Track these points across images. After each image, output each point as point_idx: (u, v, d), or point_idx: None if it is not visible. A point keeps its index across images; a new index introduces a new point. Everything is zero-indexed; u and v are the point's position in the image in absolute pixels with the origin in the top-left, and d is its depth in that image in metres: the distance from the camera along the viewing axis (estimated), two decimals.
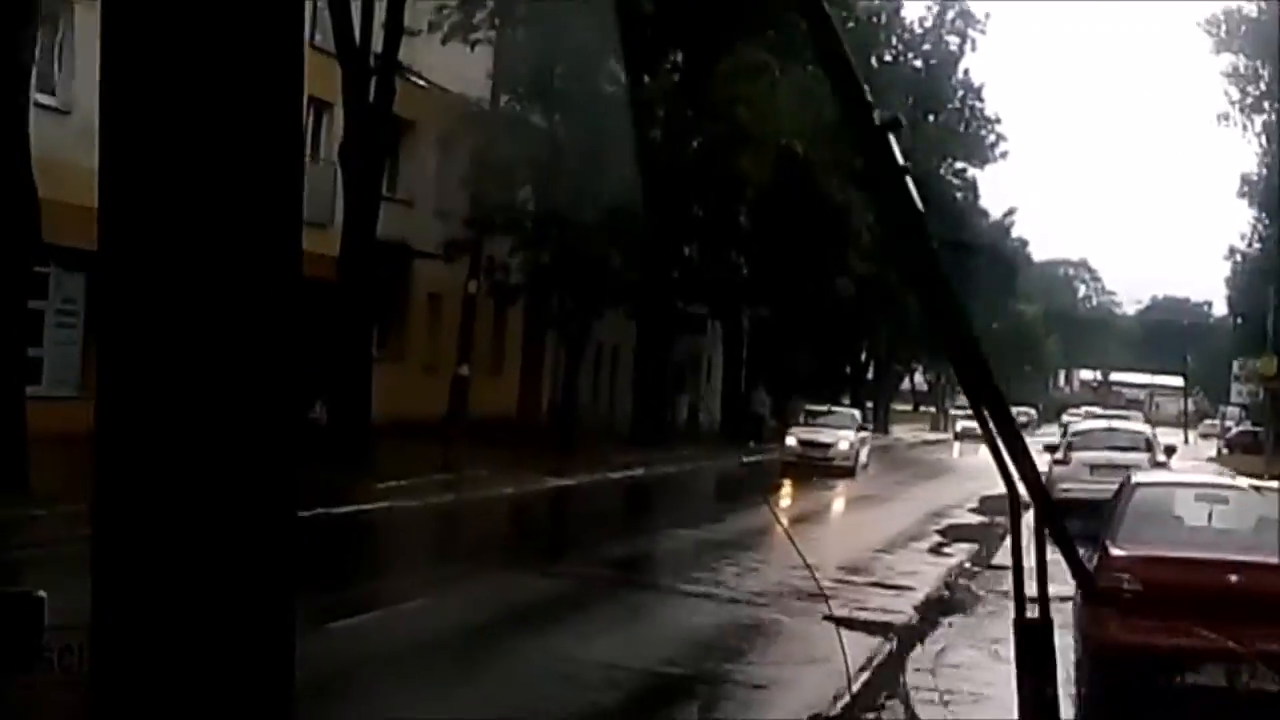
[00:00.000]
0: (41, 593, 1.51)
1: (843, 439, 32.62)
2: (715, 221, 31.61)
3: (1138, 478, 10.91)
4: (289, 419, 1.34)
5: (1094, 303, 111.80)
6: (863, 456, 33.49)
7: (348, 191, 22.20)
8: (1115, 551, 9.50)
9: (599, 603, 13.01)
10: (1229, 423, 70.47)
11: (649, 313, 33.18)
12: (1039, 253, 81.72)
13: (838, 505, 25.87)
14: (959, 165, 52.74)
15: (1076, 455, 22.98)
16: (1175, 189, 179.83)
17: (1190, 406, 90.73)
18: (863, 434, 34.14)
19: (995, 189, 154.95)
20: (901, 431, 58.00)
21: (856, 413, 36.94)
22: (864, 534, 21.11)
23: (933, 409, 71.45)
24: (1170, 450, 27.29)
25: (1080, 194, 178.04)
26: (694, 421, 42.07)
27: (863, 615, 13.67)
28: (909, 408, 71.45)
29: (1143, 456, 23.07)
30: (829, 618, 12.14)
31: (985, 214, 55.06)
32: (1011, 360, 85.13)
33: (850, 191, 37.62)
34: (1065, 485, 22.67)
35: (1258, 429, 57.89)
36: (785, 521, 21.62)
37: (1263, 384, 58.77)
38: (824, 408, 36.64)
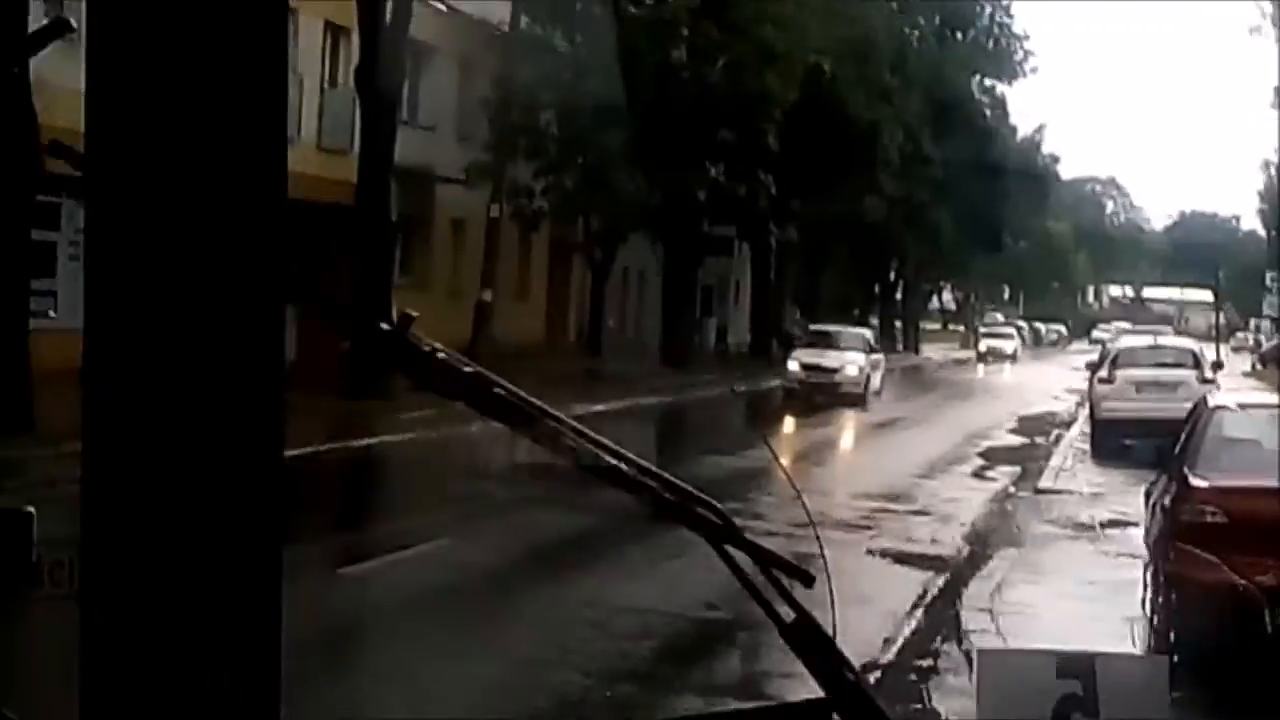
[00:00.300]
0: (30, 508, 1.47)
1: (850, 363, 28.98)
2: (742, 142, 30.50)
3: (1215, 400, 9.99)
4: (277, 350, 1.23)
5: (1122, 219, 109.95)
6: (875, 382, 29.89)
7: (365, 117, 21.25)
8: (1196, 482, 8.63)
9: (630, 540, 12.19)
10: (1260, 336, 69.10)
11: (675, 236, 32.22)
12: (1067, 170, 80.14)
13: (872, 428, 24.99)
14: (988, 82, 51.24)
15: (1121, 373, 22.01)
16: (1204, 103, 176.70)
17: (1221, 320, 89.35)
18: (874, 357, 30.53)
19: (1024, 106, 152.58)
20: (931, 350, 56.82)
21: (868, 333, 33.12)
22: (903, 458, 20.26)
23: (961, 327, 70.25)
24: (1218, 366, 26.26)
25: (1108, 110, 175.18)
26: (723, 344, 41.18)
27: (909, 548, 12.85)
28: (938, 326, 70.26)
29: (1190, 373, 22.09)
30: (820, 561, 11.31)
31: (1014, 130, 53.62)
32: (1040, 278, 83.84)
33: (879, 108, 36.42)
34: (1110, 404, 21.76)
35: None
36: (783, 455, 20.68)
37: None
38: (831, 328, 32.99)
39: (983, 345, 56.62)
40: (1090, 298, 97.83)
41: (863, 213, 38.92)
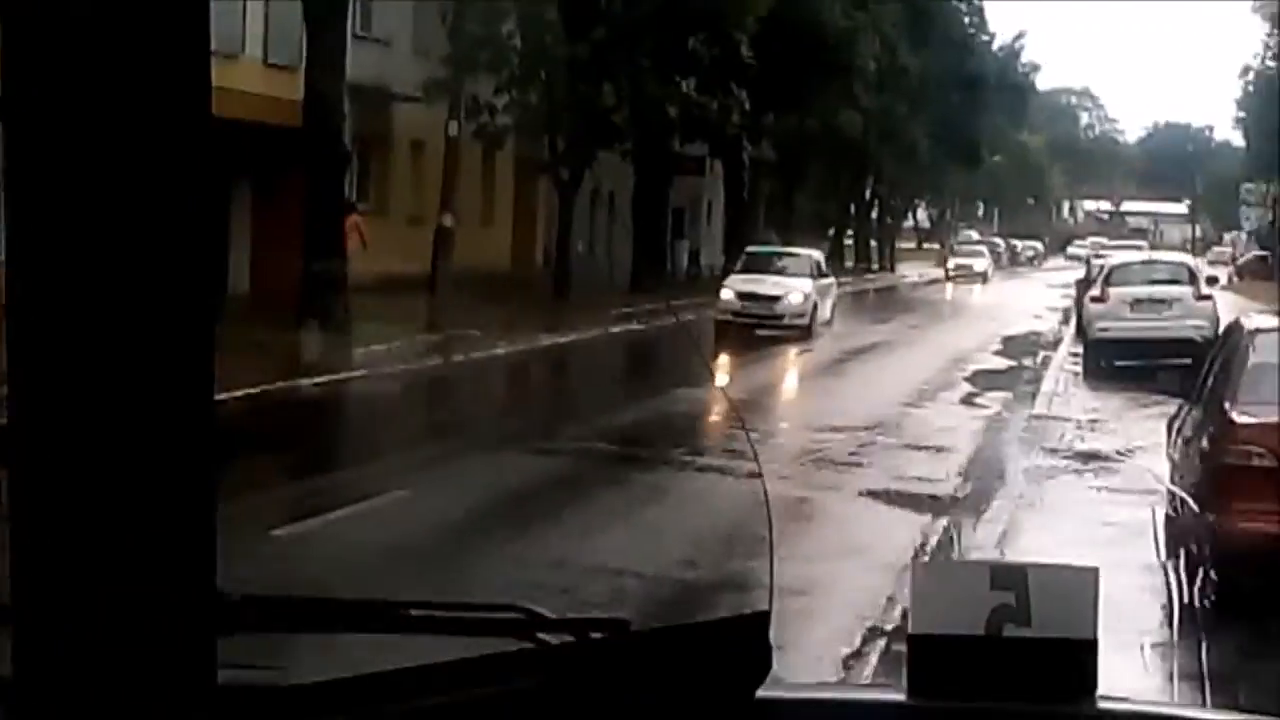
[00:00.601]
0: None
1: (794, 290, 25.30)
2: (714, 54, 29.16)
3: (1252, 323, 8.92)
4: (203, 289, 1.17)
5: (1096, 132, 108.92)
6: (824, 311, 26.29)
7: (310, 26, 19.84)
8: (1239, 418, 7.59)
9: (601, 486, 11.14)
10: (1237, 250, 68.38)
11: (645, 154, 30.93)
12: (1041, 82, 78.84)
13: (852, 354, 23.94)
14: None
15: (1114, 291, 21.00)
16: (1176, 9, 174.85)
17: (1197, 233, 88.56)
18: (823, 282, 26.78)
19: (1000, 13, 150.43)
20: (907, 270, 55.80)
21: (816, 254, 29.06)
22: (888, 384, 19.23)
23: (937, 245, 69.23)
24: (1212, 281, 25.30)
25: (1079, 18, 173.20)
26: (696, 267, 40.04)
27: (904, 487, 11.82)
28: (912, 245, 69.18)
29: (1186, 290, 21.12)
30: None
31: (992, 38, 52.25)
32: (1016, 193, 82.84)
33: (855, 16, 35.07)
34: (1104, 324, 20.79)
35: (1265, 253, 55.95)
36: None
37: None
38: (772, 249, 29.73)
39: (951, 264, 53.30)
40: (1065, 213, 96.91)
41: (838, 128, 37.66)
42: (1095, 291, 21.37)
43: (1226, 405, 7.87)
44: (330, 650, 1.59)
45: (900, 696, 1.51)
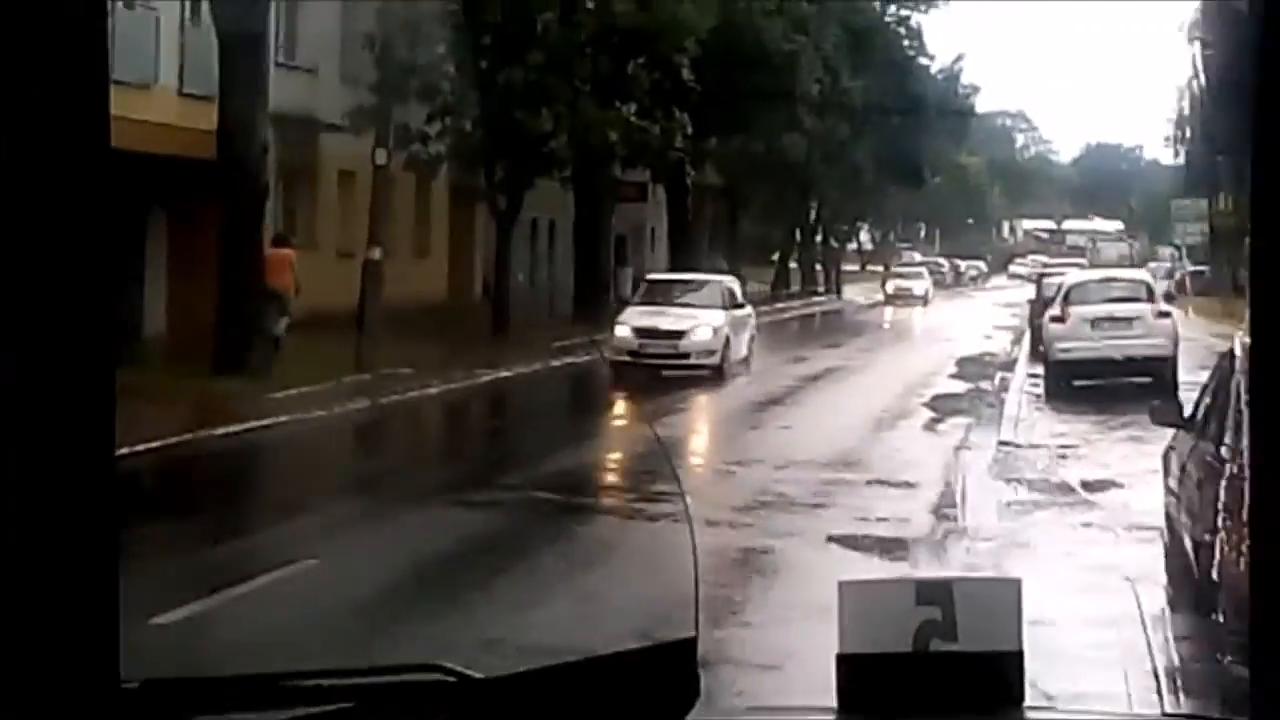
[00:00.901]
0: None
1: (702, 324, 21.16)
2: (654, 79, 28.08)
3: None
4: (104, 326, 1.10)
5: (1031, 152, 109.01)
6: (739, 348, 21.98)
7: (223, 51, 18.53)
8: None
9: (541, 544, 9.88)
10: (1168, 264, 68.14)
11: (586, 181, 29.76)
12: (978, 105, 78.57)
13: (807, 380, 22.80)
14: (903, 11, 49.11)
15: (1074, 310, 20.04)
16: (1105, 34, 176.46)
17: (1133, 250, 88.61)
18: (739, 313, 22.59)
19: (937, 38, 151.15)
20: (852, 291, 54.90)
21: (730, 282, 24.67)
22: (846, 413, 18.13)
23: (881, 267, 68.51)
24: (1170, 297, 24.45)
25: (1013, 43, 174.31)
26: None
27: (872, 531, 10.66)
28: (855, 268, 68.42)
29: (1146, 307, 20.20)
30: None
31: (932, 60, 51.62)
32: (956, 214, 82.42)
33: (796, 40, 34.15)
34: (1065, 345, 19.83)
35: (1201, 268, 55.66)
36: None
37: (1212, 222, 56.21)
38: (678, 276, 25.80)
39: (889, 287, 50.88)
40: (1005, 233, 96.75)
41: (781, 150, 36.67)
42: (1055, 311, 20.41)
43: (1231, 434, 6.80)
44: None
45: (831, 717, 1.50)
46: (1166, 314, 20.64)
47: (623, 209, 36.37)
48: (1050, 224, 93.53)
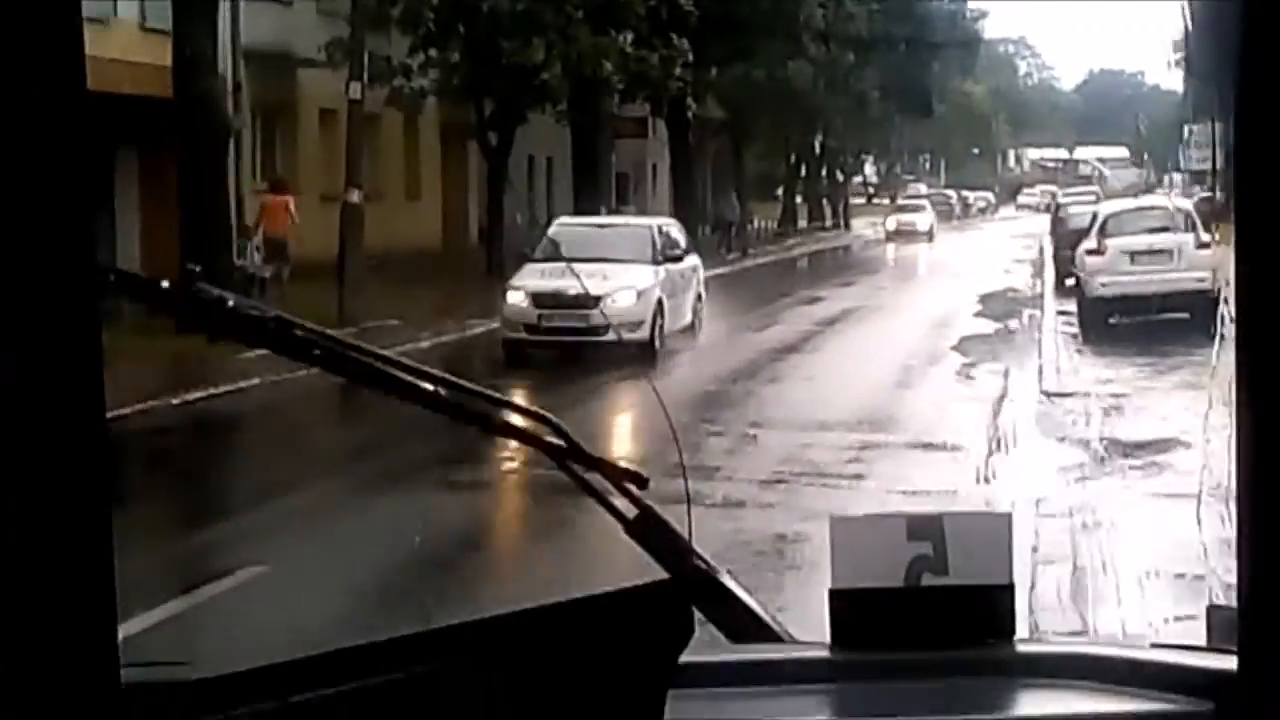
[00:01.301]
0: None
1: (623, 286, 15.83)
2: (651, 5, 26.23)
3: None
4: (87, 292, 1.01)
5: (1035, 80, 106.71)
6: (680, 314, 17.07)
7: None
8: None
9: (532, 537, 8.28)
10: (1184, 191, 66.23)
11: (582, 116, 27.95)
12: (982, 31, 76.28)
13: (824, 323, 21.16)
14: None
15: (1112, 242, 18.37)
16: None
17: (1138, 177, 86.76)
18: (679, 267, 17.31)
19: None
20: (860, 227, 53.05)
21: (669, 225, 19.11)
22: (870, 362, 16.50)
23: (886, 200, 66.65)
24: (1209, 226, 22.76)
25: None
26: None
27: (920, 507, 9.04)
28: (862, 201, 66.55)
29: (1187, 238, 18.53)
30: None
31: None
32: (962, 145, 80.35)
33: None
34: (1103, 280, 18.16)
35: (1209, 194, 54.01)
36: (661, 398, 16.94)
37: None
38: (589, 219, 20.82)
39: (891, 223, 46.87)
40: (1011, 163, 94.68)
41: (786, 80, 34.84)
42: (1090, 244, 18.74)
43: None
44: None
45: (824, 652, 1.52)
46: (1207, 244, 18.98)
47: (622, 145, 34.69)
48: (1056, 153, 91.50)
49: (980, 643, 1.49)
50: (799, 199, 51.11)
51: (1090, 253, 18.55)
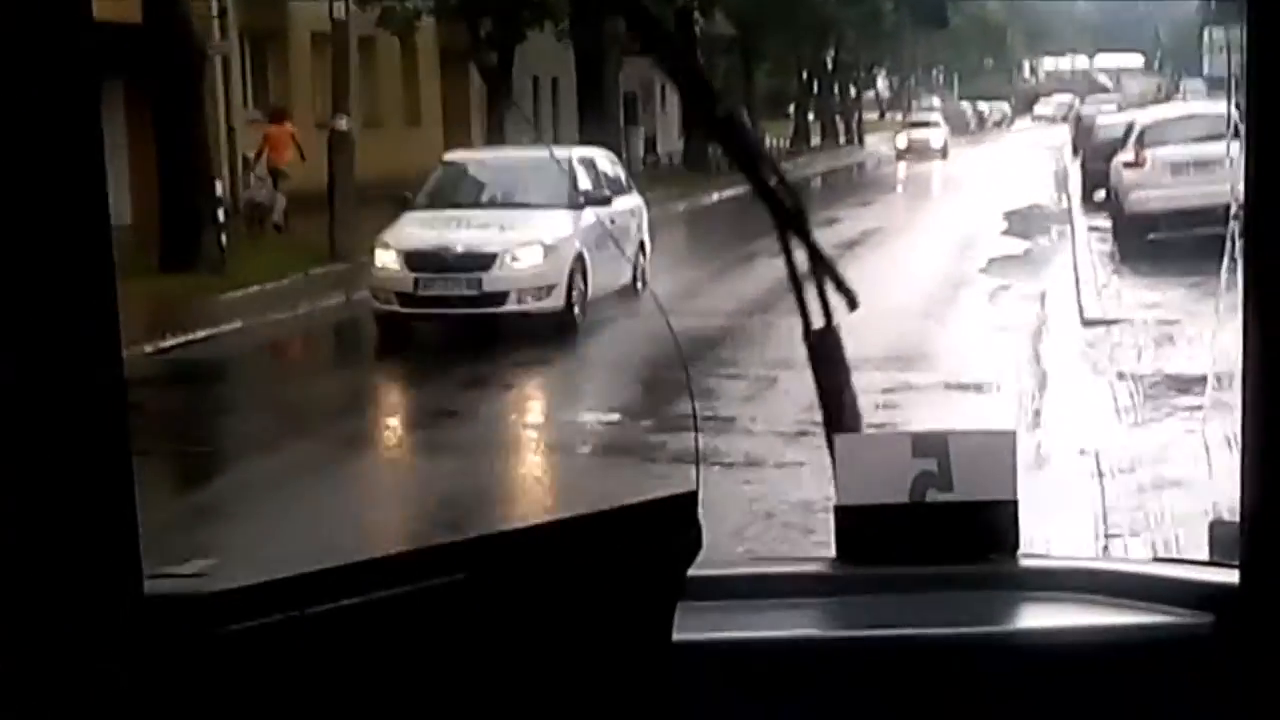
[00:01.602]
0: None
1: (527, 242, 12.35)
2: None
3: None
4: (100, 235, 1.02)
5: None
6: (617, 273, 13.18)
7: None
8: None
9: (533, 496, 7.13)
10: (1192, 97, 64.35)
11: (586, 34, 26.52)
12: None
13: (845, 245, 19.92)
14: None
15: (1152, 153, 17.02)
16: None
17: (1155, 85, 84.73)
18: (608, 210, 13.54)
19: None
20: (874, 143, 51.45)
21: (596, 155, 14.52)
22: (897, 285, 15.29)
23: (899, 115, 64.89)
24: None
25: None
26: (653, 154, 35.78)
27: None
28: (875, 116, 64.75)
29: (1234, 146, 17.14)
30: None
31: None
32: (975, 55, 78.27)
33: None
34: (1142, 194, 16.85)
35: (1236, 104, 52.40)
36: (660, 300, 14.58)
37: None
38: (493, 152, 16.96)
39: (901, 140, 43.72)
40: (1026, 73, 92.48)
41: None
42: (1127, 155, 17.40)
43: None
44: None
45: (830, 567, 1.52)
46: None
47: (629, 65, 33.24)
48: (1071, 62, 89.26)
49: (984, 558, 1.50)
50: (811, 116, 49.50)
51: (1128, 165, 17.22)
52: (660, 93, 39.53)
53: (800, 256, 1.54)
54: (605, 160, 14.54)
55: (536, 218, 12.45)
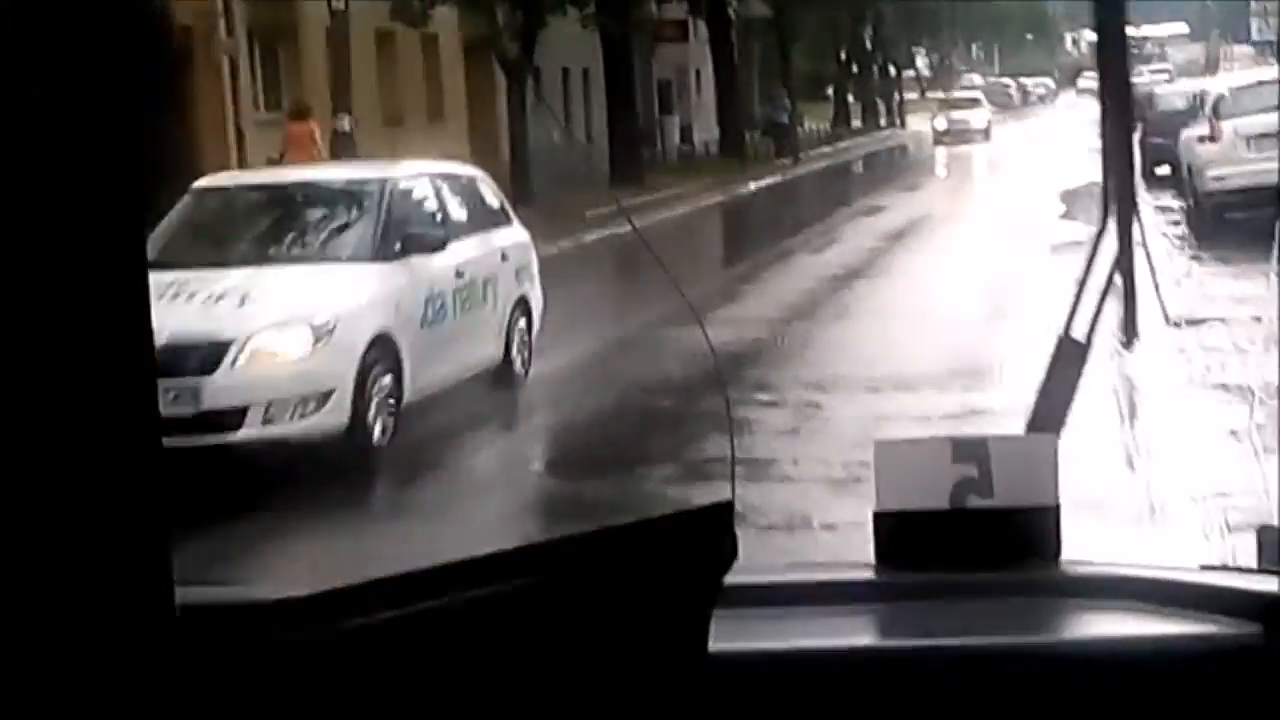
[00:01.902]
0: None
1: (281, 321, 7.50)
2: None
3: None
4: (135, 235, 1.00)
5: None
6: (472, 351, 8.80)
7: None
8: None
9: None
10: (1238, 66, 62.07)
11: (614, 20, 25.01)
12: None
13: (890, 241, 18.32)
14: None
15: (1229, 125, 15.33)
16: None
17: (1202, 52, 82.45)
18: (474, 255, 9.12)
19: None
20: (916, 124, 49.59)
21: (453, 176, 9.89)
22: (952, 283, 13.74)
23: (940, 94, 62.92)
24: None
25: None
26: (688, 144, 34.21)
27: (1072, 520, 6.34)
28: (915, 96, 62.84)
29: None
30: None
31: None
32: (1015, 29, 76.11)
33: None
34: (1219, 171, 15.17)
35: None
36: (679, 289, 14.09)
37: None
38: (267, 177, 11.38)
39: (940, 122, 40.05)
40: (1069, 45, 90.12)
41: None
42: (1202, 129, 15.72)
43: None
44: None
45: (869, 574, 1.52)
46: None
47: (662, 51, 31.77)
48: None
49: (1025, 564, 1.49)
50: (850, 98, 47.77)
51: (1202, 140, 15.54)
52: (695, 79, 37.99)
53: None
54: (474, 181, 10.12)
55: (307, 281, 7.93)
